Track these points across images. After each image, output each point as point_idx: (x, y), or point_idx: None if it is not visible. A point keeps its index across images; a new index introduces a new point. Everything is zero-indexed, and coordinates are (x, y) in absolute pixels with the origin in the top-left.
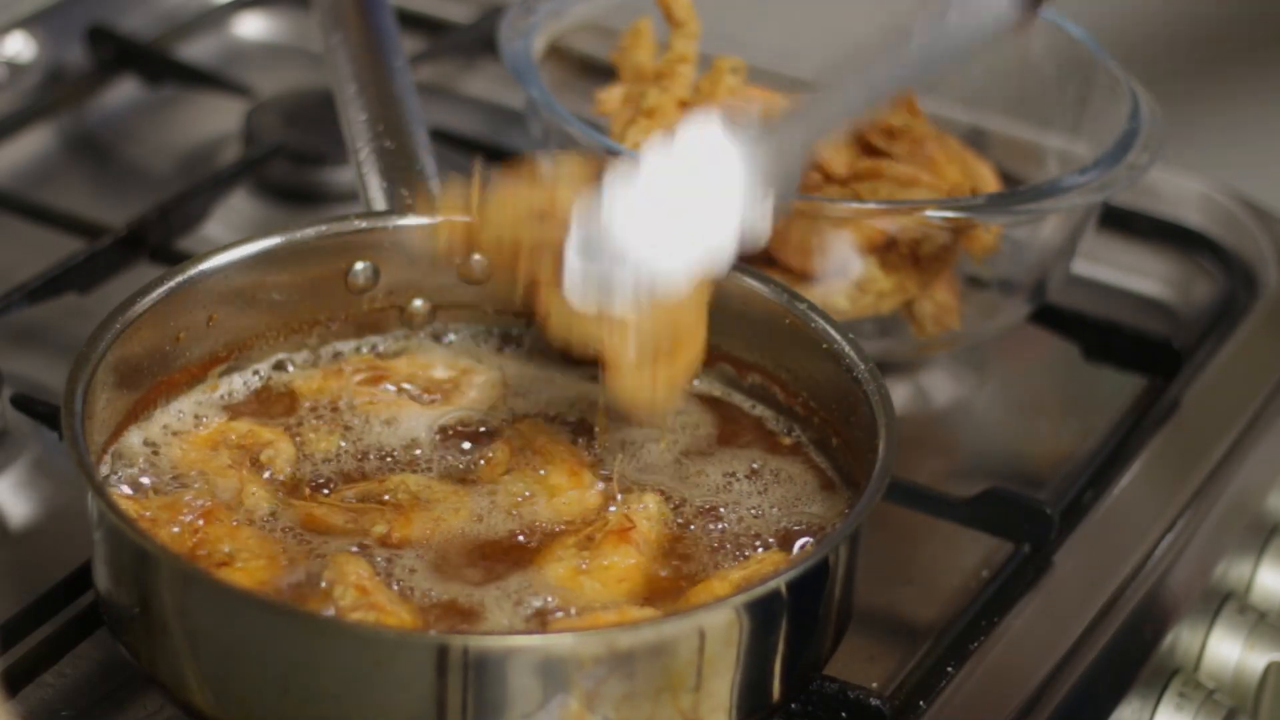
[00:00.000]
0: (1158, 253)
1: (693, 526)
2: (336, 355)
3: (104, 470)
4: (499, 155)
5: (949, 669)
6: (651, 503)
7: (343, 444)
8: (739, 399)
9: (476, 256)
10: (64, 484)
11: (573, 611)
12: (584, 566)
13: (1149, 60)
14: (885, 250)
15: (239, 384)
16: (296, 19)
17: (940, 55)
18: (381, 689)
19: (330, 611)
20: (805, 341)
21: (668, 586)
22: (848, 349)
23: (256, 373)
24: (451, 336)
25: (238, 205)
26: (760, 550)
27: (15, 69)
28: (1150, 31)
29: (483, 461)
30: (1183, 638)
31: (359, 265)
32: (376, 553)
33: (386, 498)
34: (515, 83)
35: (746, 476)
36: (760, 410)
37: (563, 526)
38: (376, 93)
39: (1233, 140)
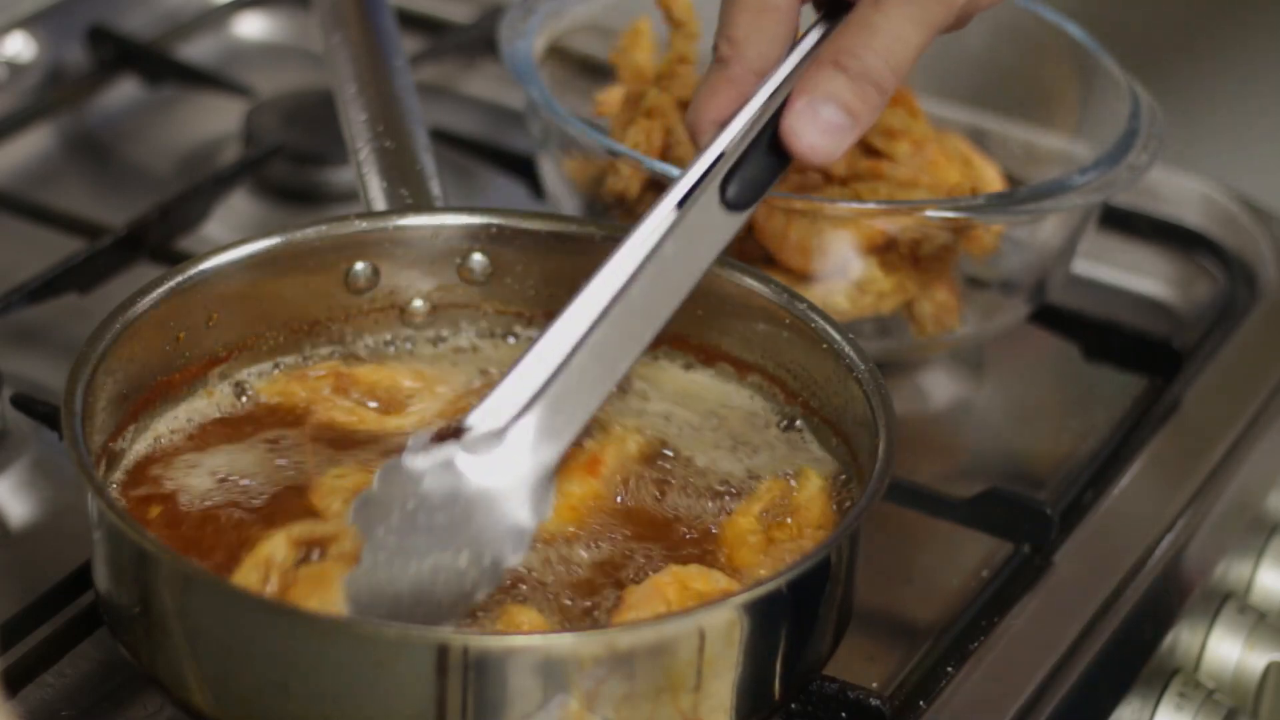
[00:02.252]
0: (1158, 253)
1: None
2: (306, 360)
3: (103, 470)
4: (499, 155)
5: (949, 669)
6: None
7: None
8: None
9: (477, 256)
10: (64, 484)
11: None
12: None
13: (1149, 59)
14: (885, 250)
15: (207, 406)
16: (296, 19)
17: (669, 297)
18: (381, 689)
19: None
20: (805, 341)
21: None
22: (848, 349)
23: (239, 385)
24: (447, 335)
25: (238, 205)
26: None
27: (15, 69)
28: (1151, 31)
29: None
30: (1183, 638)
31: (359, 265)
32: None
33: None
34: (515, 83)
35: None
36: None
37: None
38: (376, 93)
39: (1233, 140)
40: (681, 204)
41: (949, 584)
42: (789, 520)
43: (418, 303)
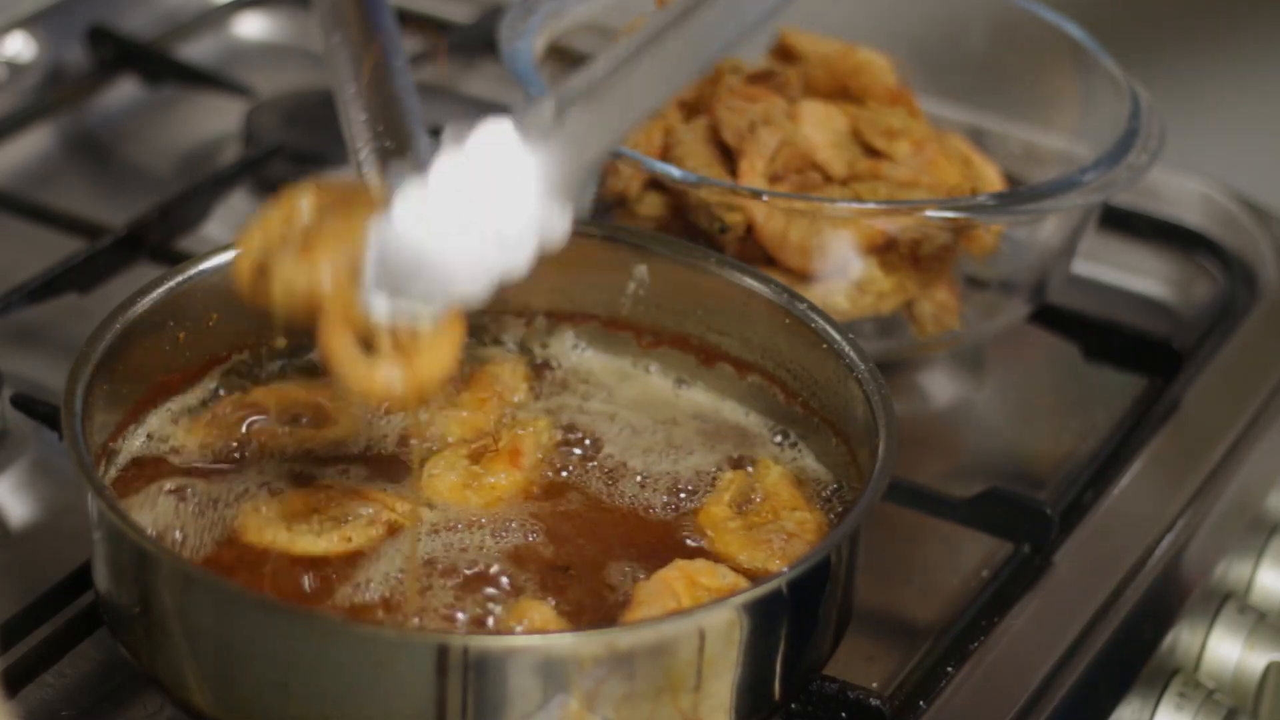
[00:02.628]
0: (1158, 253)
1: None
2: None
3: (103, 470)
4: None
5: (949, 669)
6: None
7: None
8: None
9: None
10: (64, 484)
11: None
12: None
13: (1149, 60)
14: (885, 250)
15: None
16: (296, 19)
17: (738, 22)
18: (381, 689)
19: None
20: (805, 341)
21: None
22: (848, 349)
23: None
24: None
25: (238, 205)
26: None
27: (15, 69)
28: (1152, 32)
29: None
30: (1183, 638)
31: None
32: None
33: None
34: (515, 83)
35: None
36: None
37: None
38: (376, 93)
39: (1233, 140)
40: None
41: (949, 584)
42: (761, 505)
43: None
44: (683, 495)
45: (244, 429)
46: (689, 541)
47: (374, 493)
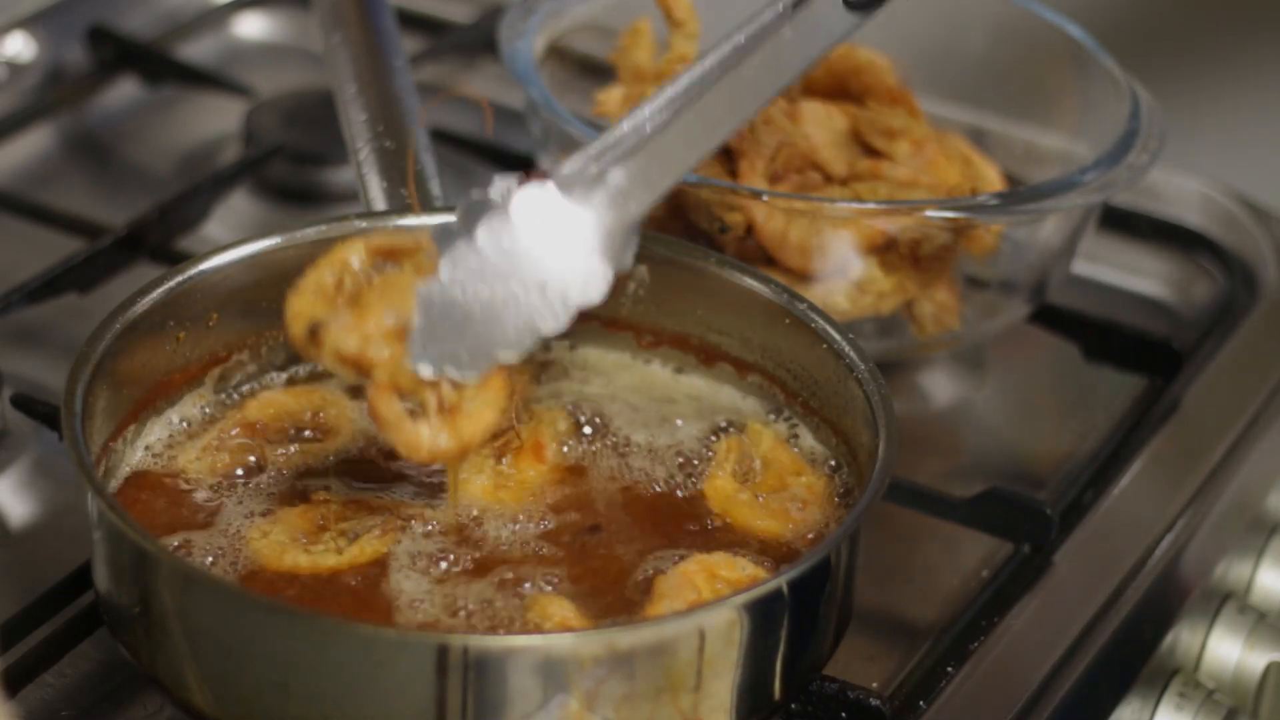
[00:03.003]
0: (1158, 253)
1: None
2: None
3: (103, 470)
4: (499, 155)
5: (949, 669)
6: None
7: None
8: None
9: None
10: (64, 484)
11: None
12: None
13: (1148, 59)
14: (885, 250)
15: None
16: (296, 19)
17: (778, 77)
18: (381, 689)
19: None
20: (805, 341)
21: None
22: (848, 349)
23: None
24: None
25: (238, 205)
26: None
27: (15, 69)
28: (1150, 31)
29: None
30: (1183, 638)
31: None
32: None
33: None
34: (515, 83)
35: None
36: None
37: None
38: (376, 93)
39: (1233, 140)
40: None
41: (949, 584)
42: (764, 473)
43: None
44: (688, 467)
45: (249, 454)
46: (708, 522)
47: (373, 500)
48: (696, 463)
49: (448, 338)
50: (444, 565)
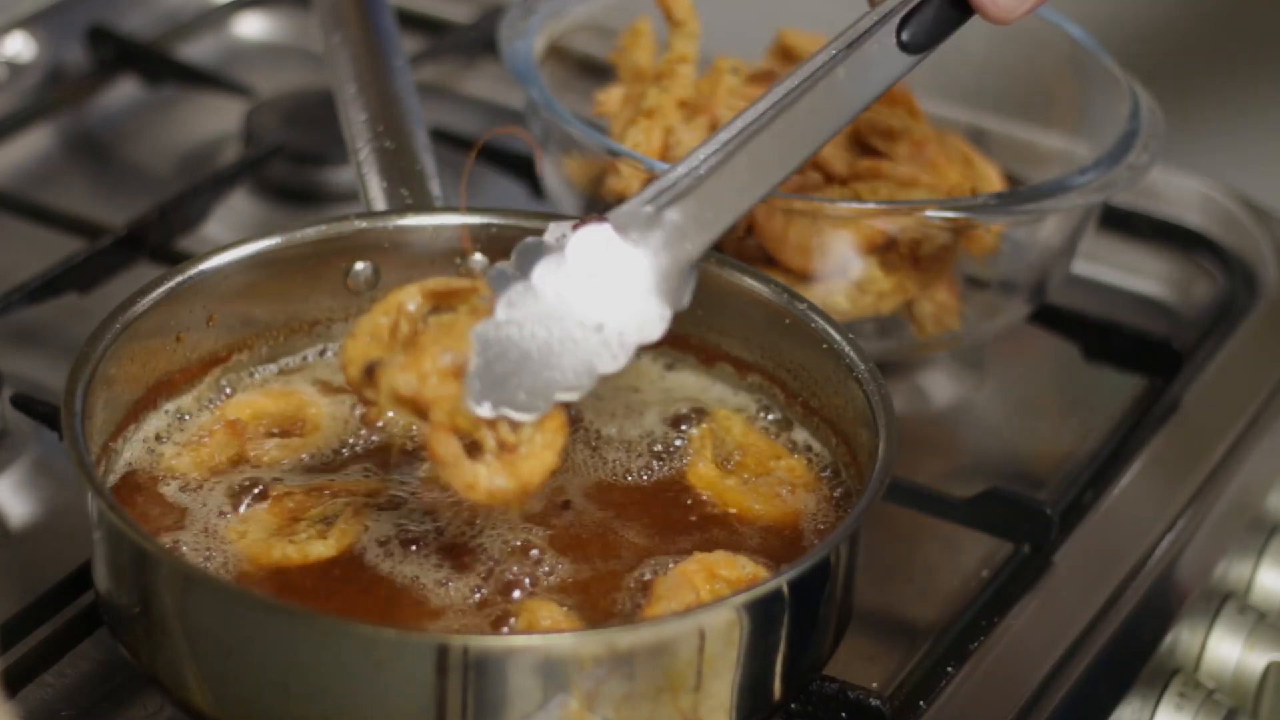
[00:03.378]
0: (1158, 253)
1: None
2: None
3: (103, 470)
4: (499, 156)
5: (949, 669)
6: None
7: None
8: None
9: (477, 256)
10: (64, 484)
11: None
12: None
13: (1148, 59)
14: (885, 250)
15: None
16: (296, 19)
17: (832, 119)
18: (381, 689)
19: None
20: (805, 342)
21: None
22: (848, 349)
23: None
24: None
25: (238, 205)
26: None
27: (15, 69)
28: (1150, 31)
29: None
30: (1183, 638)
31: (359, 265)
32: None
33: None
34: (515, 83)
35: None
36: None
37: None
38: (376, 93)
39: (1233, 140)
40: (857, 41)
41: (949, 584)
42: (744, 460)
43: None
44: (664, 456)
45: (233, 454)
46: (708, 508)
47: (330, 484)
48: (670, 451)
49: (505, 378)
50: (421, 545)
